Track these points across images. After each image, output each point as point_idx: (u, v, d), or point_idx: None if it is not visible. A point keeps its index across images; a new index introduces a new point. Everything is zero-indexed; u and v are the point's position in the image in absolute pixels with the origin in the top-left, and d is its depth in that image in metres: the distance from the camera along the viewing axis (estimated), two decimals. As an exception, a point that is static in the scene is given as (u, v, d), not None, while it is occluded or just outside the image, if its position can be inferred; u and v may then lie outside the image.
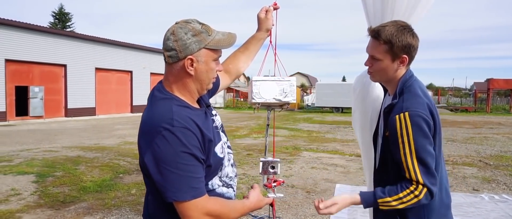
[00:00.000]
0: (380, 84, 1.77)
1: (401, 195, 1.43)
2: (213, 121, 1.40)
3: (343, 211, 4.31)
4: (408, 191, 1.43)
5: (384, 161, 1.60)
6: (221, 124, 1.49)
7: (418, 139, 1.40)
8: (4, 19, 16.62)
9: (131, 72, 23.42)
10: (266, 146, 1.89)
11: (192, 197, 1.17)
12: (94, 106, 20.94)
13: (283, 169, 6.70)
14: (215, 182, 1.34)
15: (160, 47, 1.35)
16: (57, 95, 19.04)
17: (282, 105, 1.77)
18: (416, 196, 1.42)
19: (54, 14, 37.97)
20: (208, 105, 1.44)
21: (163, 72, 1.38)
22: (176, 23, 1.29)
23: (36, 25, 17.91)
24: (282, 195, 1.69)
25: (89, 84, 20.64)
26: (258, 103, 1.68)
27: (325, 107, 26.43)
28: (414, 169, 1.41)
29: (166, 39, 1.28)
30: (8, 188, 5.25)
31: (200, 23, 1.29)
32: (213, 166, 1.29)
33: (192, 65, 1.26)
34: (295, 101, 1.70)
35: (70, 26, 38.50)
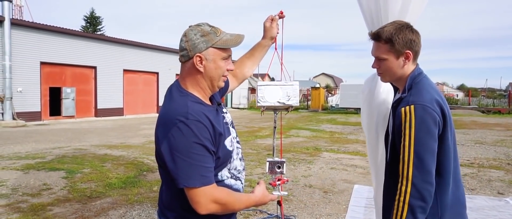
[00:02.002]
0: (391, 84, 1.78)
1: (395, 211, 1.43)
2: (224, 117, 1.51)
3: (359, 211, 4.33)
4: (396, 202, 1.42)
5: (394, 158, 1.59)
6: (231, 120, 1.60)
7: (419, 133, 1.40)
8: (39, 23, 17.52)
9: (157, 73, 24.04)
10: (274, 147, 1.97)
11: (201, 184, 1.28)
12: (122, 107, 21.64)
13: (302, 169, 6.74)
14: (224, 173, 1.44)
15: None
16: (87, 96, 19.82)
17: (287, 108, 1.86)
18: (404, 202, 1.40)
19: (86, 18, 39.52)
20: (219, 104, 1.55)
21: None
22: (189, 27, 1.42)
23: (69, 29, 18.74)
24: (286, 193, 1.77)
25: (117, 85, 21.36)
26: (264, 107, 1.78)
27: (349, 108, 26.10)
28: (408, 161, 1.40)
29: (180, 41, 1.43)
30: (41, 183, 5.58)
31: (210, 26, 1.41)
32: (222, 158, 1.40)
33: (201, 63, 1.39)
34: (298, 104, 1.78)
35: (101, 29, 39.97)
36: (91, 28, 39.05)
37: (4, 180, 5.76)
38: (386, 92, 1.97)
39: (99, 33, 37.13)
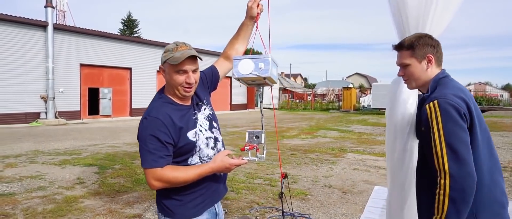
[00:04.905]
0: (419, 91, 1.83)
1: (436, 204, 1.45)
2: (195, 113, 1.75)
3: (375, 212, 4.33)
4: (437, 196, 1.45)
5: (423, 157, 1.64)
6: (208, 114, 1.82)
7: (447, 125, 1.43)
8: (79, 28, 18.57)
9: (189, 74, 24.66)
10: (262, 122, 2.04)
11: (150, 166, 1.58)
12: (156, 106, 22.41)
13: (324, 169, 6.76)
14: (195, 160, 1.70)
15: (215, 50, 1.82)
16: (123, 96, 20.73)
17: (265, 83, 1.91)
18: (444, 195, 1.42)
19: (123, 21, 41.17)
20: (198, 103, 1.79)
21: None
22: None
23: (106, 33, 19.70)
24: (256, 158, 1.84)
25: (151, 86, 22.15)
26: (239, 79, 1.85)
27: (382, 108, 25.49)
28: (442, 155, 1.43)
29: None
30: (75, 177, 6.00)
31: (177, 45, 1.65)
32: (185, 147, 1.66)
33: (163, 73, 1.72)
34: (269, 75, 1.79)
35: (137, 32, 41.48)
36: (128, 30, 40.66)
37: (43, 173, 6.24)
38: (408, 94, 2.00)
39: (135, 35, 38.60)
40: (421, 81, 1.66)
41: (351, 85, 37.82)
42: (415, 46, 1.64)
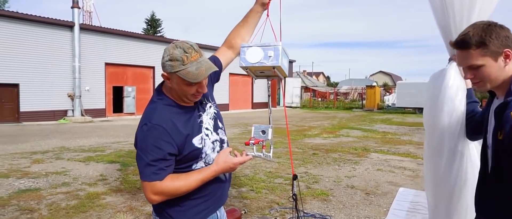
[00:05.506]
0: (489, 92, 1.55)
1: None
2: (200, 115, 1.58)
3: (400, 215, 4.16)
4: None
5: (497, 168, 1.40)
6: (214, 113, 1.66)
7: None
8: (104, 27, 19.02)
9: (211, 72, 24.82)
10: (270, 117, 1.94)
11: (150, 180, 1.41)
12: (178, 105, 22.72)
13: (346, 169, 6.60)
14: (200, 165, 1.55)
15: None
16: (146, 94, 21.07)
17: (274, 75, 1.79)
18: None
19: (147, 21, 41.90)
20: (203, 101, 1.62)
21: (237, 72, 1.60)
22: (172, 43, 1.48)
23: (130, 32, 20.09)
24: (261, 154, 1.72)
25: (174, 84, 22.44)
26: (246, 67, 1.74)
27: (407, 107, 24.85)
28: None
29: None
30: (98, 174, 6.10)
31: (185, 51, 1.41)
32: (190, 154, 1.50)
33: (168, 80, 1.50)
34: (278, 64, 1.66)
35: (160, 31, 42.09)
36: (152, 30, 41.33)
37: (68, 170, 6.38)
38: (455, 89, 1.78)
39: (159, 35, 39.18)
40: (499, 81, 1.37)
41: (374, 84, 37.03)
42: (487, 42, 1.31)
